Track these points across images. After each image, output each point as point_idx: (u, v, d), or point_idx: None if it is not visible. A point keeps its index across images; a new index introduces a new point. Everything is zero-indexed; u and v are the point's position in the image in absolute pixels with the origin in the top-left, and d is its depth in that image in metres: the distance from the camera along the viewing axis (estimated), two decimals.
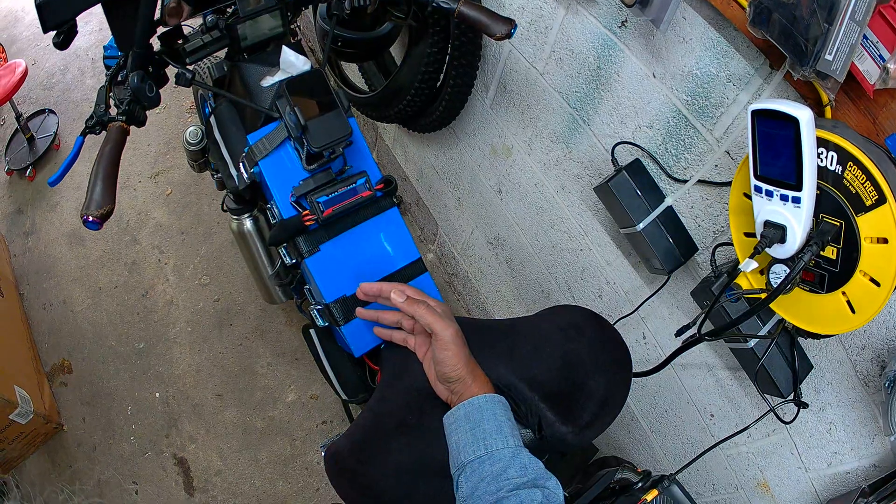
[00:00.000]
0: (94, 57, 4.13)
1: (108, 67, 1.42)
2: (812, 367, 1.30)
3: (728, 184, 1.28)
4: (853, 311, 0.99)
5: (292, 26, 1.62)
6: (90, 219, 1.13)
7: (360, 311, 1.37)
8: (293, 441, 2.75)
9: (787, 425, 1.39)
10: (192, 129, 1.94)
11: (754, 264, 1.06)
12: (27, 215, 3.60)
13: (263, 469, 2.72)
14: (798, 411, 1.33)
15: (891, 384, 1.10)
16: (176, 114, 3.74)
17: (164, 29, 1.40)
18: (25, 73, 3.52)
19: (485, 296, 2.69)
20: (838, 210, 0.96)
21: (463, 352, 1.20)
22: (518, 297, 2.40)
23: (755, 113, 0.95)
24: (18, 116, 3.67)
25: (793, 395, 1.31)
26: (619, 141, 1.51)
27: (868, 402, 1.23)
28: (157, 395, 2.93)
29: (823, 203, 0.98)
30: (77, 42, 4.04)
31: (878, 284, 0.95)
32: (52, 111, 3.90)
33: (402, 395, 1.32)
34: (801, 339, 1.28)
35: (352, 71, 2.66)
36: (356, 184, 1.40)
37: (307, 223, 1.40)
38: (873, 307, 0.96)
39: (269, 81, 1.51)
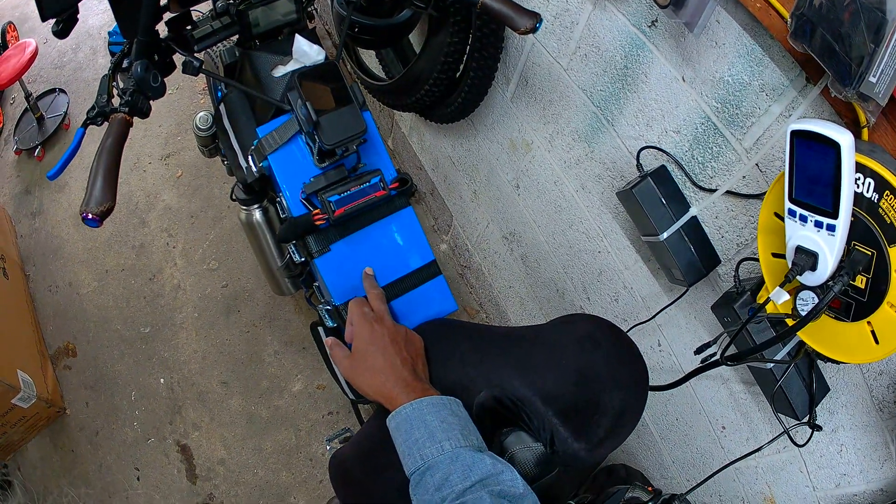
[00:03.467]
0: (106, 36, 4.07)
1: (112, 54, 1.37)
2: (829, 389, 1.27)
3: (756, 196, 1.25)
4: (877, 341, 0.97)
5: (308, 9, 1.57)
6: (90, 216, 1.08)
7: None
8: (298, 431, 2.73)
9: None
10: (202, 114, 1.90)
11: (786, 296, 1.03)
12: (35, 196, 3.58)
13: (267, 459, 2.70)
14: (812, 434, 1.31)
15: None
16: (188, 95, 3.69)
17: (172, 15, 1.36)
18: (35, 53, 3.48)
19: (497, 290, 2.65)
20: (871, 239, 0.93)
21: (364, 385, 1.22)
22: (532, 294, 2.36)
23: (794, 133, 0.91)
24: (28, 96, 3.63)
25: (808, 417, 1.28)
26: (645, 145, 1.46)
27: (881, 427, 1.21)
28: (162, 380, 2.90)
29: (856, 230, 0.94)
30: (90, 20, 4.07)
31: None
32: (62, 90, 3.86)
33: None
34: (819, 362, 1.25)
35: (369, 57, 2.61)
36: (370, 182, 1.35)
37: (318, 222, 1.35)
38: None
39: (280, 71, 1.47)
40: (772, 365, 1.25)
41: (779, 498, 1.53)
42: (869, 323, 0.97)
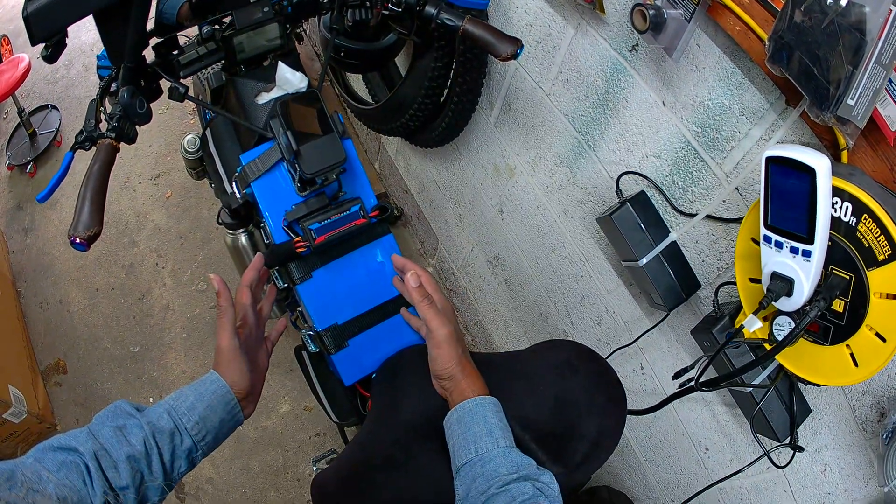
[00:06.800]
0: (99, 53, 4.08)
1: (101, 78, 1.37)
2: (810, 410, 1.27)
3: (736, 220, 1.25)
4: (856, 364, 0.96)
5: (297, 30, 1.57)
6: (77, 240, 1.08)
7: (395, 280, 1.44)
8: (286, 452, 2.72)
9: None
10: (189, 137, 1.90)
11: (758, 324, 1.03)
12: (27, 212, 3.57)
13: (255, 478, 2.68)
14: (793, 455, 1.30)
15: (889, 435, 1.06)
16: (178, 115, 3.70)
17: (158, 41, 1.36)
18: (28, 69, 3.47)
19: (482, 314, 2.66)
20: (849, 263, 0.92)
21: (454, 352, 1.23)
22: (516, 317, 2.36)
23: (769, 160, 0.91)
24: (21, 111, 3.62)
25: (789, 438, 1.28)
26: (626, 170, 1.47)
27: (864, 447, 1.20)
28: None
29: (834, 254, 0.94)
30: (82, 37, 4.08)
31: (883, 340, 0.91)
32: (54, 107, 3.85)
33: (391, 430, 1.29)
34: (800, 384, 1.25)
35: (356, 81, 2.62)
36: (350, 211, 1.36)
37: (299, 250, 1.35)
38: (877, 362, 0.93)
39: (264, 98, 1.47)
40: (751, 388, 1.26)
41: None
42: (848, 346, 0.96)
